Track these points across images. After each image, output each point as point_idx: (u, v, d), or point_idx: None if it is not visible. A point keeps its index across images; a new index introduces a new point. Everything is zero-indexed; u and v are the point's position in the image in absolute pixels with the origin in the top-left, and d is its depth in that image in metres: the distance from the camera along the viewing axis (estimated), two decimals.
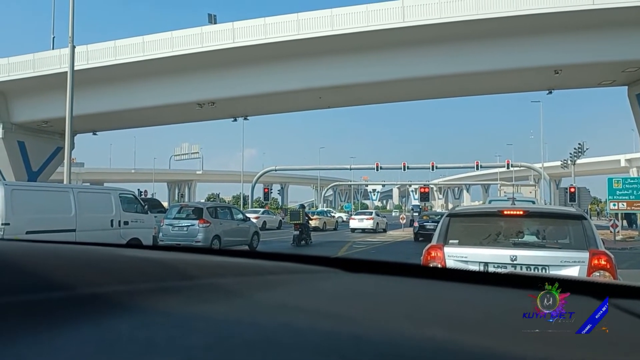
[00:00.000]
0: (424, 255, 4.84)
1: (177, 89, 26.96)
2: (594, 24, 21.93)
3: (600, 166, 70.63)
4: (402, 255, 15.59)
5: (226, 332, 0.54)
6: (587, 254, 4.27)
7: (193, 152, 56.24)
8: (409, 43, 23.88)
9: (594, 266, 4.21)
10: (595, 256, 4.24)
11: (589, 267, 4.20)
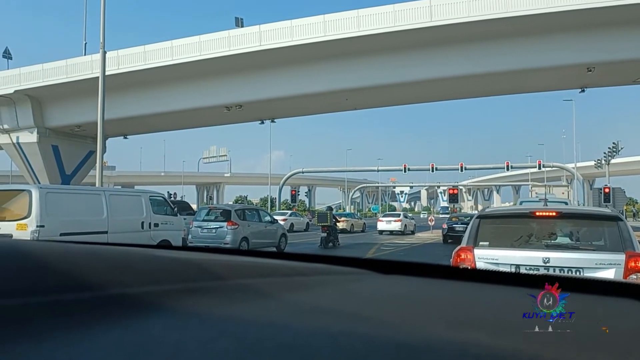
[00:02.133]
0: (454, 257, 4.77)
1: (205, 93, 27.34)
2: (627, 20, 21.35)
3: (636, 166, 68.54)
4: (431, 257, 15.43)
5: (258, 334, 0.53)
6: (623, 256, 4.15)
7: (221, 154, 56.92)
8: (437, 43, 23.66)
9: (631, 269, 4.08)
10: (632, 258, 4.12)
11: (626, 269, 4.08)
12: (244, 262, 0.91)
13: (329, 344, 0.50)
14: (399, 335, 0.53)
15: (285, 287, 0.74)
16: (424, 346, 0.50)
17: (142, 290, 0.62)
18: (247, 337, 0.52)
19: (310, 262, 0.95)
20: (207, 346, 0.49)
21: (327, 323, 0.58)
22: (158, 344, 0.50)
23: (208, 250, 1.17)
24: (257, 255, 1.00)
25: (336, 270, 0.89)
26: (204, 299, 0.63)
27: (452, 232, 21.21)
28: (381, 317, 0.61)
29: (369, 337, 0.52)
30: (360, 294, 0.76)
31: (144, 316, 0.55)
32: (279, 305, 0.65)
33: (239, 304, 0.63)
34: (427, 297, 0.75)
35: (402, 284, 0.84)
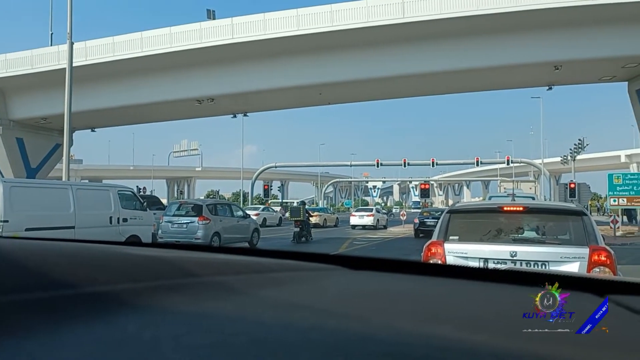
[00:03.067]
0: (425, 251, 4.83)
1: (175, 85, 26.94)
2: (594, 19, 21.92)
3: (601, 162, 70.65)
4: (403, 251, 15.60)
5: (231, 330, 0.53)
6: (587, 250, 4.26)
7: (192, 148, 56.35)
8: (409, 39, 23.85)
9: (594, 262, 4.20)
10: (596, 252, 4.24)
11: (589, 263, 4.20)
12: (217, 259, 0.91)
13: (299, 339, 0.51)
14: (367, 329, 0.54)
15: (257, 283, 0.74)
16: (390, 340, 0.51)
17: (116, 287, 0.62)
18: (220, 332, 0.52)
19: (282, 258, 0.96)
20: (181, 342, 0.49)
21: (298, 318, 0.58)
22: (133, 340, 0.50)
23: (180, 247, 1.16)
24: (230, 252, 1.00)
25: (307, 267, 0.90)
26: (177, 296, 0.63)
27: (423, 227, 21.48)
28: (351, 312, 0.62)
29: (338, 331, 0.54)
30: (331, 290, 0.76)
31: (118, 313, 0.55)
32: (251, 302, 0.65)
33: (212, 300, 0.64)
34: (395, 292, 0.76)
35: (372, 279, 0.85)
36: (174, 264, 0.77)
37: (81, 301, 0.56)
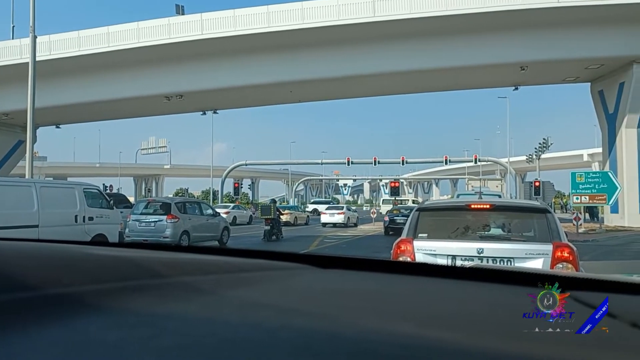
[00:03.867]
0: (394, 249, 4.88)
1: (143, 81, 26.47)
2: (558, 21, 22.52)
3: (564, 161, 72.70)
4: (373, 249, 15.72)
5: (198, 331, 0.53)
6: (550, 246, 4.37)
7: (160, 146, 55.45)
8: (380, 38, 24.04)
9: (557, 258, 4.32)
10: (559, 249, 4.35)
11: (553, 259, 4.31)
12: (185, 259, 0.90)
13: (268, 338, 0.51)
14: (335, 327, 0.55)
15: (226, 283, 0.74)
16: (357, 338, 0.52)
17: (81, 289, 0.61)
18: (188, 334, 0.52)
19: (251, 257, 0.96)
20: (148, 344, 0.49)
21: (267, 318, 0.58)
22: (97, 343, 0.49)
23: (148, 246, 1.14)
24: (198, 252, 0.99)
25: (276, 266, 0.90)
26: (144, 297, 0.62)
27: (393, 224, 21.67)
28: (319, 310, 0.62)
29: (306, 330, 0.54)
30: (300, 289, 0.77)
31: (82, 315, 0.54)
32: (219, 302, 0.65)
33: (180, 301, 0.63)
34: (363, 290, 0.77)
35: (341, 278, 0.86)
36: (140, 264, 0.76)
37: (43, 304, 0.55)
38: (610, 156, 26.40)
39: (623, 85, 25.01)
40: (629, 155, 25.14)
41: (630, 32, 22.68)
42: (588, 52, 23.43)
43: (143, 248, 1.09)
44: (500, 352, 0.49)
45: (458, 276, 0.84)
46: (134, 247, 1.15)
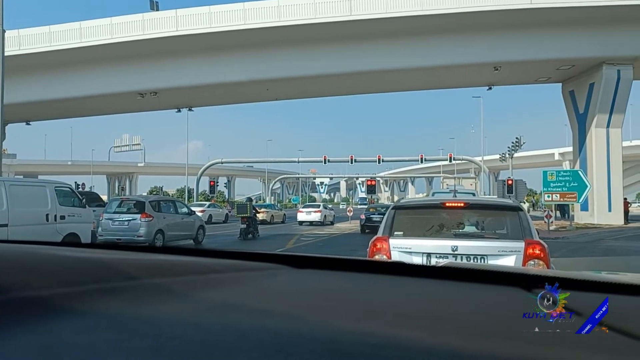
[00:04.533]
0: (370, 247, 4.90)
1: (117, 78, 26.03)
2: (531, 23, 22.92)
3: (536, 159, 74.16)
4: (349, 247, 15.77)
5: (170, 333, 0.52)
6: (522, 243, 4.45)
7: (134, 143, 54.57)
8: (356, 37, 24.12)
9: (529, 255, 4.40)
10: (530, 246, 4.44)
11: (524, 256, 4.39)
12: (157, 260, 0.89)
13: (238, 340, 0.51)
14: (307, 328, 0.55)
15: (198, 285, 0.73)
16: (328, 338, 0.52)
17: (51, 292, 0.60)
18: (159, 336, 0.52)
19: (226, 258, 0.95)
20: (119, 347, 0.49)
21: (239, 319, 0.58)
22: (68, 346, 0.49)
23: (120, 247, 1.12)
24: (171, 253, 0.98)
25: (251, 266, 0.89)
26: (115, 300, 0.62)
27: (369, 223, 21.77)
28: (292, 311, 0.63)
29: (278, 331, 0.54)
30: (274, 289, 0.76)
31: (52, 319, 0.53)
32: (192, 304, 0.65)
33: (152, 303, 0.63)
34: (337, 290, 0.77)
35: (315, 278, 0.86)
36: (112, 266, 0.75)
37: (12, 307, 0.54)
38: (581, 155, 27.04)
39: (593, 85, 25.63)
40: (598, 155, 25.79)
41: (600, 34, 23.25)
42: (559, 53, 23.93)
43: (115, 249, 1.08)
44: (468, 351, 0.50)
45: (431, 275, 0.85)
46: (105, 248, 1.13)
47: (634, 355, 0.51)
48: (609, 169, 25.83)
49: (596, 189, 24.77)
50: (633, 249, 14.92)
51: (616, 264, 11.73)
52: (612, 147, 25.79)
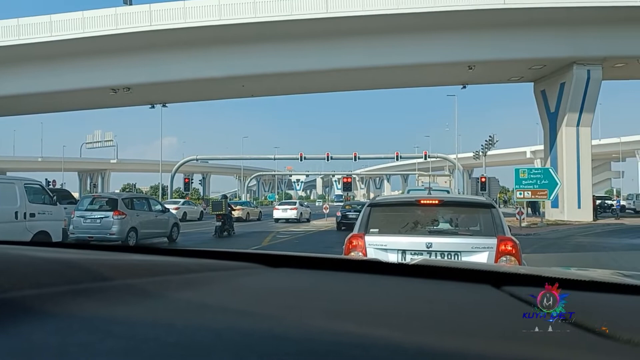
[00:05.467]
0: (346, 244, 4.92)
1: (89, 73, 25.50)
2: (505, 23, 23.29)
3: (509, 157, 75.53)
4: (325, 244, 15.81)
5: (143, 335, 0.52)
6: (495, 240, 4.53)
7: (107, 140, 53.71)
8: (332, 34, 24.14)
9: (501, 252, 4.48)
10: (502, 242, 4.51)
11: (497, 252, 4.47)
12: (130, 260, 0.88)
13: (212, 341, 0.50)
14: (281, 327, 0.55)
15: (173, 285, 0.73)
16: (302, 337, 0.52)
17: (20, 294, 0.59)
18: (132, 338, 0.51)
19: (200, 257, 0.94)
20: (91, 349, 0.48)
21: (213, 319, 0.58)
22: (39, 349, 0.48)
23: (92, 247, 1.11)
24: (144, 253, 0.97)
25: (225, 266, 0.89)
26: (88, 301, 0.61)
27: (345, 220, 21.86)
28: (266, 311, 0.63)
29: (252, 331, 0.54)
30: (249, 289, 0.76)
31: (22, 321, 0.53)
32: (166, 305, 0.64)
33: (125, 304, 0.62)
34: (311, 289, 0.77)
35: (290, 277, 0.86)
36: (84, 266, 0.74)
37: None
38: (552, 153, 27.63)
39: (564, 85, 26.21)
40: (568, 153, 26.39)
41: (571, 34, 23.77)
42: (531, 53, 24.39)
43: (87, 249, 1.06)
44: (441, 349, 0.50)
45: (406, 273, 0.86)
46: (77, 247, 1.12)
47: (594, 351, 0.53)
48: (579, 167, 26.46)
49: (566, 186, 25.35)
50: (601, 245, 15.33)
51: (586, 260, 12.03)
52: (581, 146, 26.43)
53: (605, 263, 11.36)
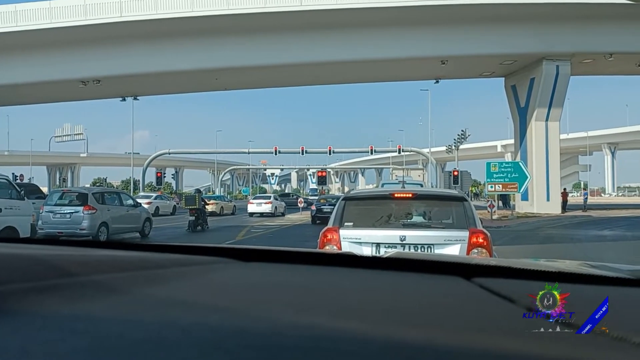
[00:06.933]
0: (321, 237, 4.93)
1: (57, 65, 24.84)
2: (476, 18, 23.57)
3: (480, 151, 76.84)
4: (300, 238, 15.81)
5: (109, 332, 0.51)
6: (467, 232, 4.60)
7: (76, 133, 52.61)
8: (306, 28, 24.06)
9: (473, 244, 4.55)
10: (474, 235, 4.59)
11: (469, 244, 4.54)
12: (99, 256, 0.86)
13: (179, 337, 0.50)
14: (249, 322, 0.55)
15: (142, 281, 0.71)
16: (270, 332, 0.52)
17: None
18: (98, 335, 0.51)
19: (171, 252, 0.93)
20: (55, 347, 0.48)
21: (181, 315, 0.57)
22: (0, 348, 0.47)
23: (60, 242, 1.08)
24: (114, 248, 0.95)
25: (196, 261, 0.88)
26: (52, 298, 0.59)
27: (320, 214, 21.89)
28: (236, 306, 0.62)
29: (220, 326, 0.53)
30: (219, 284, 0.75)
31: None
32: (133, 301, 0.63)
33: (91, 301, 0.61)
34: (282, 283, 0.77)
35: (262, 271, 0.85)
36: (49, 262, 0.72)
37: None
38: (521, 147, 28.18)
39: (533, 80, 26.72)
40: (537, 147, 26.95)
41: (541, 30, 24.21)
42: (502, 48, 24.77)
43: (55, 244, 1.03)
44: (410, 341, 0.50)
45: (378, 266, 0.86)
46: (44, 243, 1.09)
47: (560, 340, 0.54)
48: (548, 160, 27.06)
49: (535, 179, 25.91)
50: (569, 237, 15.74)
51: (555, 252, 12.35)
52: (550, 140, 27.02)
53: (574, 254, 11.66)
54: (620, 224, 21.06)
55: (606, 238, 15.64)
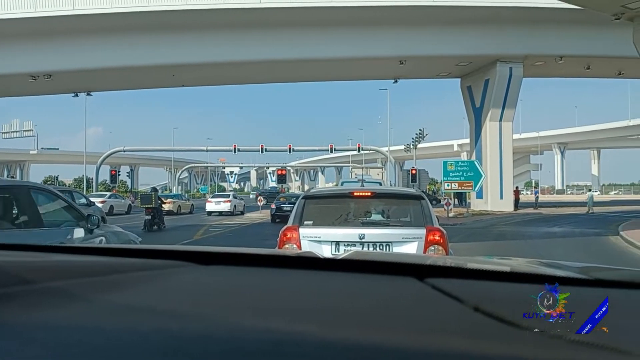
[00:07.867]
0: (280, 236, 4.93)
1: (5, 58, 23.75)
2: (433, 20, 24.03)
3: (437, 150, 78.37)
4: (260, 237, 15.72)
5: (69, 340, 0.51)
6: (424, 230, 4.69)
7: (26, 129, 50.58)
8: (264, 25, 23.93)
9: (430, 241, 4.65)
10: (431, 232, 4.69)
11: (425, 242, 4.63)
12: (55, 261, 0.84)
13: (139, 343, 0.50)
14: (209, 327, 0.55)
15: (99, 286, 0.70)
16: (229, 336, 0.52)
17: None
18: (56, 343, 0.51)
19: (128, 256, 0.91)
20: (13, 356, 0.47)
21: (141, 321, 0.57)
22: None
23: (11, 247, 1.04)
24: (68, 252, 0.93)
25: (154, 265, 0.86)
26: (8, 307, 0.58)
27: (280, 212, 21.82)
28: (195, 310, 0.62)
29: (180, 332, 0.53)
30: (179, 289, 0.75)
31: None
32: (92, 307, 0.62)
33: (49, 308, 0.59)
34: (243, 286, 0.77)
35: (221, 275, 0.85)
36: (4, 269, 0.70)
37: None
38: (477, 146, 28.94)
39: (488, 82, 27.49)
40: (492, 146, 27.75)
41: (495, 33, 24.93)
42: (458, 50, 25.36)
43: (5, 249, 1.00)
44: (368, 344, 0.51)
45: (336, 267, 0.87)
46: None
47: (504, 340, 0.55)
48: (502, 159, 27.91)
49: (490, 178, 26.66)
50: (521, 234, 16.28)
51: (508, 248, 12.76)
52: (504, 140, 27.88)
53: (525, 251, 12.08)
54: (569, 221, 21.96)
55: (556, 235, 16.26)
